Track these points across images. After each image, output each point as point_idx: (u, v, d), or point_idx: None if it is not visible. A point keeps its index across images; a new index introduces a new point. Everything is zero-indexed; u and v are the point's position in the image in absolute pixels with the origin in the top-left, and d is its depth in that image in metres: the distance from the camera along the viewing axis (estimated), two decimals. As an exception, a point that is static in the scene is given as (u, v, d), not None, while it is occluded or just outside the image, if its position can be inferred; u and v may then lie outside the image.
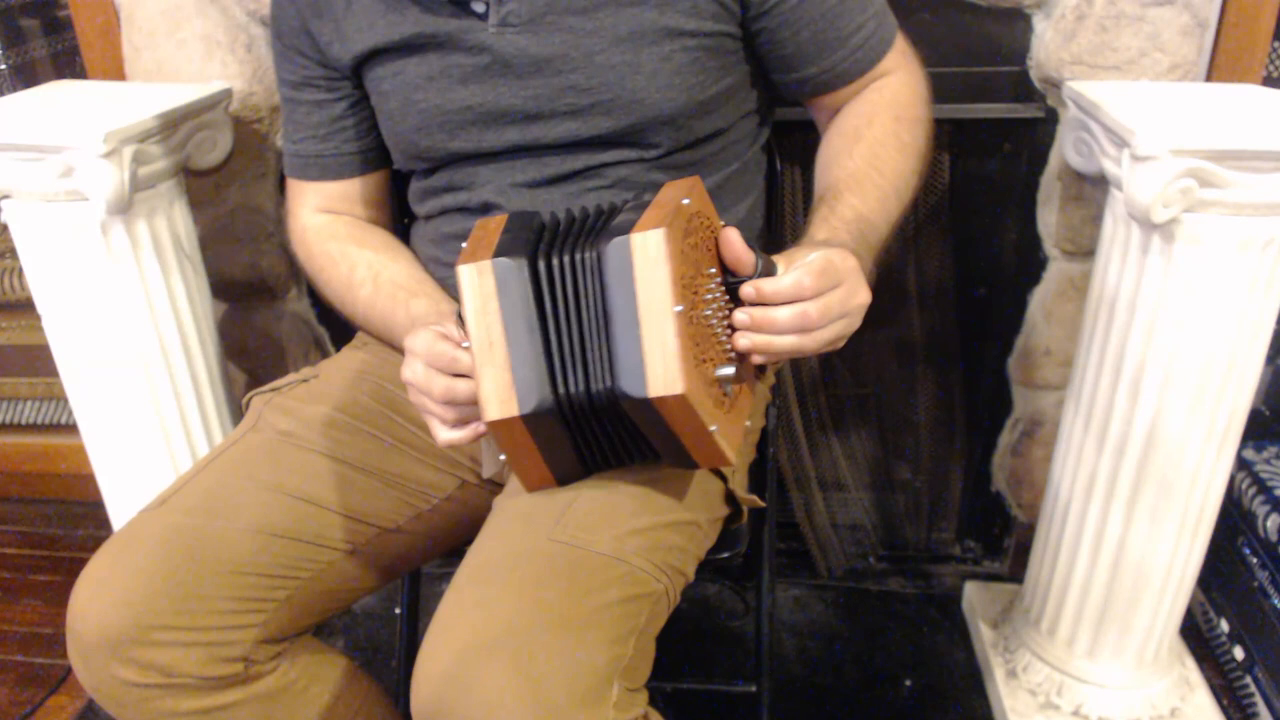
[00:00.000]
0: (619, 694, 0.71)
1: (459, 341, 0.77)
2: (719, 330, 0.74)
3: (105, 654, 0.76)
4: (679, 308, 0.69)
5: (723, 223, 0.76)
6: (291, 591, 0.84)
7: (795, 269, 0.73)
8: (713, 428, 0.72)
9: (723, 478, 0.90)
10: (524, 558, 0.75)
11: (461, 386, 0.76)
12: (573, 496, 0.80)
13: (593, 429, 0.76)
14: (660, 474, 0.84)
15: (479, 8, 0.85)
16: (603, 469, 0.82)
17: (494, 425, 0.73)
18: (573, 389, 0.73)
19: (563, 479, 0.81)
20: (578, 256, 0.72)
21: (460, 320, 0.78)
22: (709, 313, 0.73)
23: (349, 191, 1.01)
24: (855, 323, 0.76)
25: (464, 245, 0.75)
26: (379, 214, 1.04)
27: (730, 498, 0.91)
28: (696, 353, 0.71)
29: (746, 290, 0.73)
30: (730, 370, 0.73)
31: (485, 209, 0.92)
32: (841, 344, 0.77)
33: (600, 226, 0.74)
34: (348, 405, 0.94)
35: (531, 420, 0.73)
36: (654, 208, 0.72)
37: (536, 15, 0.84)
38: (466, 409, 0.77)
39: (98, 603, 0.77)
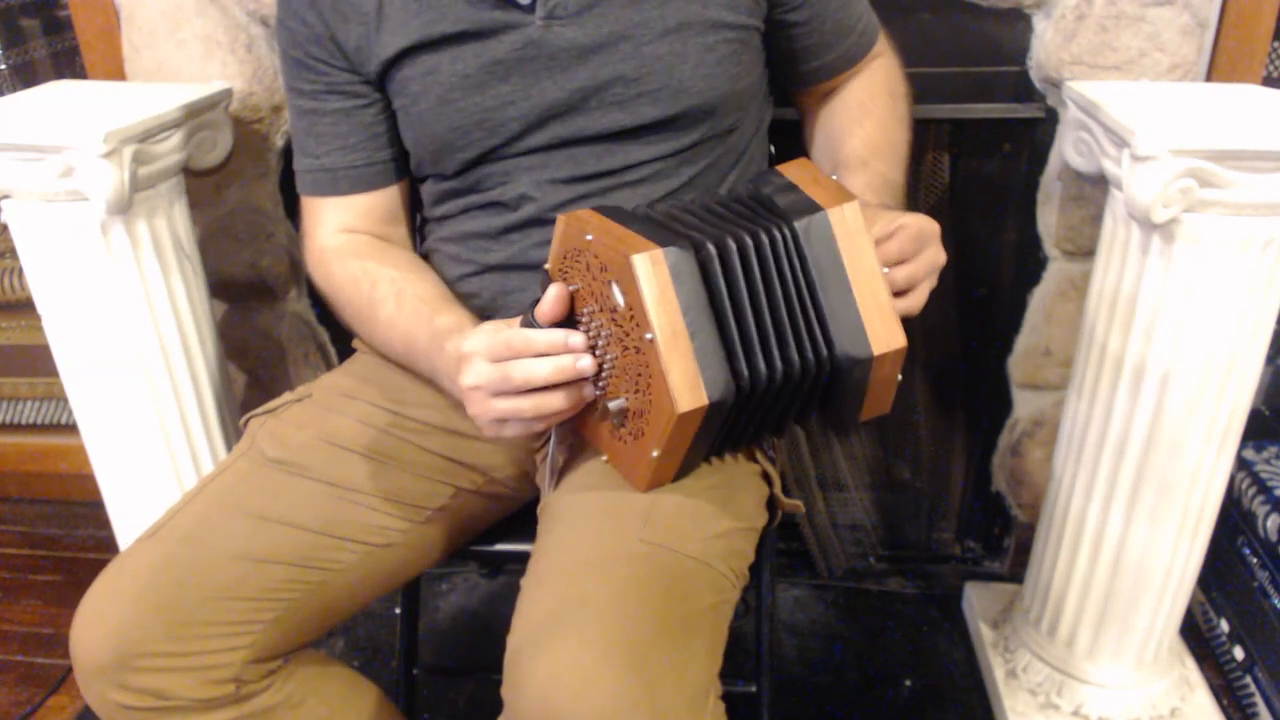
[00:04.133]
0: (713, 702, 0.71)
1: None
2: None
3: (102, 681, 0.79)
4: (887, 269, 0.74)
5: None
6: (279, 612, 0.84)
7: (894, 237, 0.78)
8: (899, 378, 0.76)
9: (769, 483, 0.90)
10: (618, 558, 0.73)
11: (540, 368, 0.73)
12: (652, 498, 0.78)
13: (749, 413, 0.76)
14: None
15: (524, 0, 0.85)
16: (718, 458, 0.84)
17: (681, 418, 0.71)
18: (751, 370, 0.73)
19: (680, 475, 0.80)
20: (747, 241, 0.73)
21: (532, 315, 0.77)
22: None
23: (375, 205, 0.97)
24: (934, 283, 0.81)
25: (590, 237, 0.73)
26: (400, 230, 1.01)
27: (770, 502, 0.91)
28: None
29: None
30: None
31: (520, 203, 0.91)
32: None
33: (749, 213, 0.75)
34: (338, 427, 0.93)
35: (713, 409, 0.72)
36: (816, 185, 0.76)
37: (585, 7, 0.85)
38: (545, 398, 0.74)
39: (93, 632, 0.79)
